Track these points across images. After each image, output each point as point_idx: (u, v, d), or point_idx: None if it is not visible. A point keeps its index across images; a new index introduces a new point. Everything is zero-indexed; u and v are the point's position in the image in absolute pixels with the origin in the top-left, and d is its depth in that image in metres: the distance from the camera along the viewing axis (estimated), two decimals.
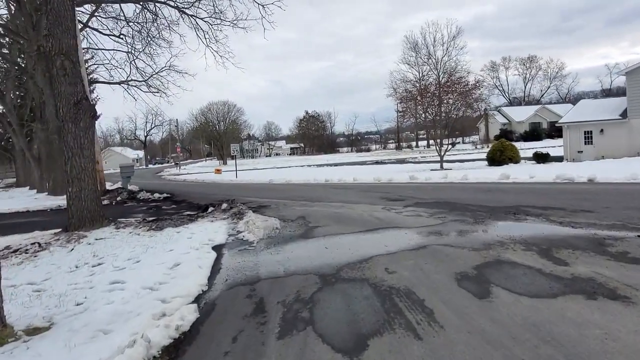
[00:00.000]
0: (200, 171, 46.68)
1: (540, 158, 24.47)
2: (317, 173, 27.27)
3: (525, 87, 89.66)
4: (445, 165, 24.68)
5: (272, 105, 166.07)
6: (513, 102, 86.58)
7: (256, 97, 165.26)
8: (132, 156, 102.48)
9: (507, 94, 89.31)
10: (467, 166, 24.99)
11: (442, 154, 24.88)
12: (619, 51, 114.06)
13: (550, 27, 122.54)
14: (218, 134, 71.99)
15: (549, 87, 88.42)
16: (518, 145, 51.26)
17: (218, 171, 30.96)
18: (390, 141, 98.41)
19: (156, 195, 15.36)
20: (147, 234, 7.78)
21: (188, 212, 10.70)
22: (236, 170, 28.44)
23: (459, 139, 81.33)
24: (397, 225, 6.89)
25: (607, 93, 70.81)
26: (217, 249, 6.20)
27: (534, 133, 59.45)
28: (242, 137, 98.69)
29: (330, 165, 41.77)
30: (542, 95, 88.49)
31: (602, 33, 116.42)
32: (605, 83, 79.59)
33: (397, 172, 22.70)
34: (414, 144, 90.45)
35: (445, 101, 24.90)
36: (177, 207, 12.28)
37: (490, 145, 57.61)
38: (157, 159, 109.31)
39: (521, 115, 65.46)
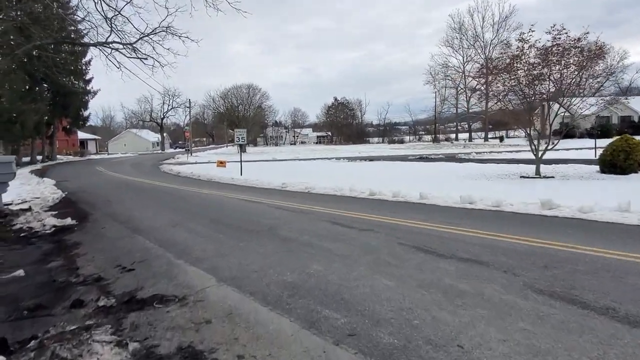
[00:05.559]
0: (210, 160, 39.94)
1: None
2: (350, 173, 19.46)
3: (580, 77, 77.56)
4: (531, 167, 16.45)
5: (300, 93, 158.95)
6: (565, 93, 75.22)
7: (285, 84, 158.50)
8: (151, 139, 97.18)
9: (559, 84, 77.65)
10: (570, 172, 16.62)
11: (542, 153, 16.54)
12: None
13: (595, 20, 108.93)
14: (237, 119, 65.07)
15: (607, 78, 76.20)
16: (582, 143, 41.08)
17: (221, 164, 23.66)
18: (421, 132, 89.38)
19: (50, 222, 7.91)
20: None
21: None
22: (241, 165, 21.00)
23: (502, 133, 71.30)
24: None
25: None
26: None
27: (603, 129, 49.04)
28: (267, 122, 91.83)
29: (364, 159, 33.74)
30: (599, 88, 76.32)
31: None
32: None
33: (483, 180, 14.56)
34: (453, 136, 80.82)
35: (550, 73, 16.51)
36: (23, 288, 4.83)
37: (551, 142, 48.26)
38: (179, 142, 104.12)
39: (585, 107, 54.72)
